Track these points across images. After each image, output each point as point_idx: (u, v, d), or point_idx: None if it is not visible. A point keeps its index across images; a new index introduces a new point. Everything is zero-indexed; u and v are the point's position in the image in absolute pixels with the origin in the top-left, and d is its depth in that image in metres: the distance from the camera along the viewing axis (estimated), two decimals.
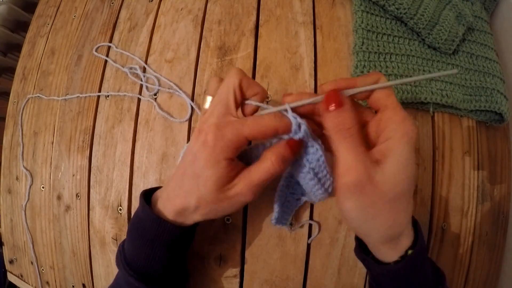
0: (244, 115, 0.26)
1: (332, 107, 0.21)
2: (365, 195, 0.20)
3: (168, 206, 0.26)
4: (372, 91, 0.23)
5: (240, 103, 0.25)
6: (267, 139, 0.25)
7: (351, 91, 0.22)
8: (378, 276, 0.25)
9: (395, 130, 0.21)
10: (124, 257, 0.27)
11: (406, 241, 0.23)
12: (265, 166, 0.24)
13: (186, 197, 0.25)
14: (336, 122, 0.21)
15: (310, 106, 0.24)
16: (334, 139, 0.22)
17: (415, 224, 0.25)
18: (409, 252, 0.23)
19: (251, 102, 0.25)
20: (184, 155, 0.26)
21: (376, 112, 0.24)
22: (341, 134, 0.21)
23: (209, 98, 0.27)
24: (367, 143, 0.23)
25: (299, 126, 0.23)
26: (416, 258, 0.23)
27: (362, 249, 0.27)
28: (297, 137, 0.23)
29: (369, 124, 0.24)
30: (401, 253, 0.23)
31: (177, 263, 0.28)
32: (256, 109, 0.26)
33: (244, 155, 0.26)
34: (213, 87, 0.26)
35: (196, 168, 0.24)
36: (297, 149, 0.24)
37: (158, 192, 0.28)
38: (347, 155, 0.21)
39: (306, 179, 0.25)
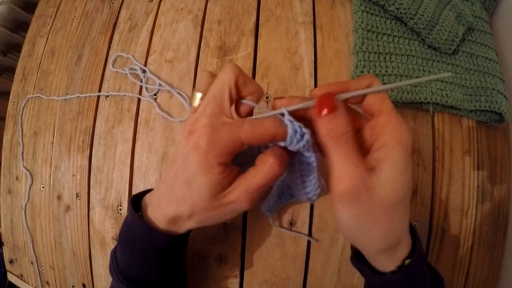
0: (239, 115, 0.24)
1: (324, 112, 0.20)
2: (361, 203, 0.20)
3: (159, 214, 0.24)
4: (365, 95, 0.22)
5: (234, 102, 0.23)
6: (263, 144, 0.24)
7: (344, 95, 0.21)
8: (375, 285, 0.25)
9: (390, 137, 0.20)
10: (117, 265, 0.27)
11: (403, 250, 0.23)
12: (264, 170, 0.22)
13: (178, 204, 0.23)
14: (329, 128, 0.20)
15: (302, 111, 0.22)
16: (327, 146, 0.20)
17: (412, 231, 0.24)
18: (406, 261, 0.22)
19: (248, 102, 0.24)
20: (175, 157, 0.24)
21: (370, 117, 0.23)
22: (334, 140, 0.20)
23: (198, 95, 0.24)
24: (362, 149, 0.22)
25: (302, 135, 0.22)
26: (413, 268, 0.22)
27: (358, 257, 0.26)
28: (296, 147, 0.22)
29: (364, 130, 0.23)
30: (399, 262, 0.23)
31: (172, 269, 0.28)
32: (251, 109, 0.24)
33: (237, 157, 0.25)
34: (204, 82, 0.24)
35: (188, 174, 0.22)
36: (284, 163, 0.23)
37: (147, 198, 0.26)
38: (341, 162, 0.20)
39: (296, 182, 0.26)
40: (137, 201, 0.27)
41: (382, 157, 0.20)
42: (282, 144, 0.22)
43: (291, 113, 0.22)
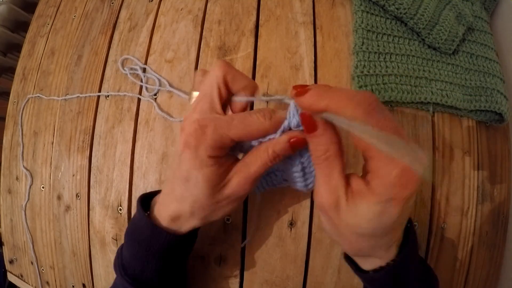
0: (233, 111, 0.24)
1: (305, 130, 0.21)
2: (329, 218, 0.21)
3: (163, 212, 0.25)
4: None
5: (226, 99, 0.23)
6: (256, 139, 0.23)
7: (328, 117, 0.19)
8: (363, 281, 0.26)
9: (378, 184, 0.19)
10: (121, 261, 0.27)
11: (378, 261, 0.23)
12: (263, 159, 0.23)
13: (179, 202, 0.24)
14: (312, 146, 0.21)
15: None
16: (312, 159, 0.22)
17: (407, 229, 0.23)
18: (389, 263, 0.22)
19: (240, 99, 0.23)
20: (174, 156, 0.26)
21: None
22: (315, 158, 0.21)
23: (195, 94, 0.25)
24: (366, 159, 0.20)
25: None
26: (398, 267, 0.22)
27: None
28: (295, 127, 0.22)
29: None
30: (375, 267, 0.23)
31: (174, 270, 0.27)
32: (245, 105, 0.24)
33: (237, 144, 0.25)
34: (198, 81, 0.25)
35: (183, 171, 0.22)
36: (299, 147, 0.23)
37: (156, 197, 0.27)
38: (321, 180, 0.21)
39: (292, 170, 0.25)
40: (146, 200, 0.27)
41: (361, 193, 0.19)
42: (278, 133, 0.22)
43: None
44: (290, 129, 0.22)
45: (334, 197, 0.20)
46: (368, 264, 0.24)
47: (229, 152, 0.24)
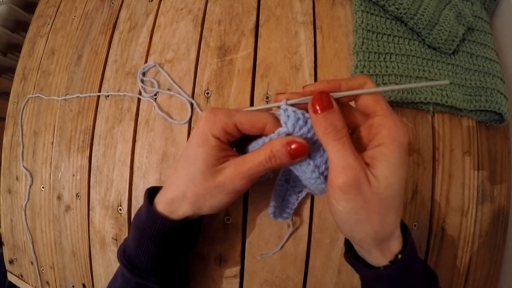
0: None
1: (320, 109, 0.21)
2: (360, 194, 0.20)
3: (161, 197, 0.26)
4: (359, 95, 0.22)
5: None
6: (258, 133, 0.25)
7: (335, 95, 0.22)
8: (369, 280, 0.25)
9: (386, 136, 0.21)
10: (124, 246, 0.28)
11: (396, 245, 0.23)
12: (259, 158, 0.23)
13: (175, 183, 0.25)
14: (325, 124, 0.21)
15: (304, 105, 0.23)
16: (325, 142, 0.21)
17: (403, 228, 0.25)
18: (399, 256, 0.23)
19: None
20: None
21: (367, 116, 0.23)
22: (332, 135, 0.21)
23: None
24: (359, 148, 0.23)
25: (305, 121, 0.23)
26: (406, 262, 0.23)
27: (351, 254, 0.26)
28: (300, 133, 0.23)
29: (360, 129, 0.24)
30: (392, 257, 0.23)
31: (170, 262, 0.27)
32: None
33: (245, 149, 0.27)
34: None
35: (187, 148, 0.25)
36: (298, 157, 0.23)
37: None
38: (340, 156, 0.21)
39: (307, 175, 0.25)
40: (155, 192, 0.28)
41: (377, 155, 0.21)
42: (282, 131, 0.23)
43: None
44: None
45: (362, 167, 0.20)
46: (383, 256, 0.23)
47: (233, 148, 0.26)
